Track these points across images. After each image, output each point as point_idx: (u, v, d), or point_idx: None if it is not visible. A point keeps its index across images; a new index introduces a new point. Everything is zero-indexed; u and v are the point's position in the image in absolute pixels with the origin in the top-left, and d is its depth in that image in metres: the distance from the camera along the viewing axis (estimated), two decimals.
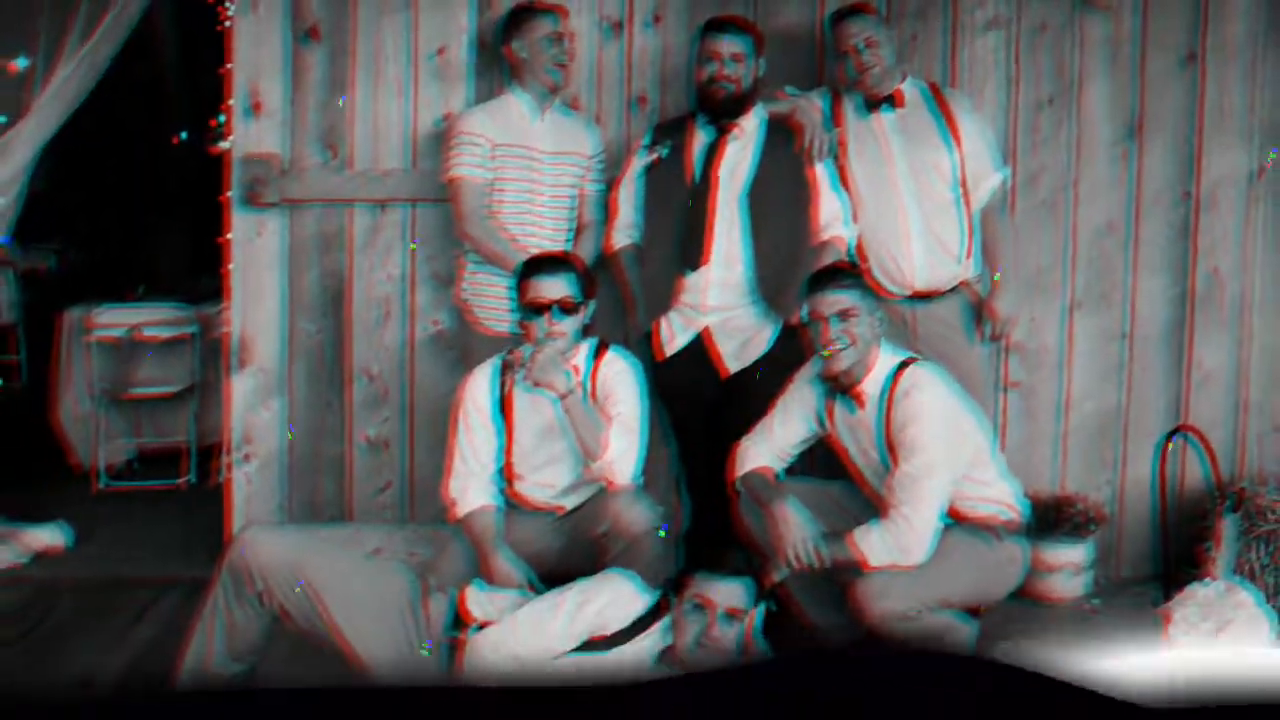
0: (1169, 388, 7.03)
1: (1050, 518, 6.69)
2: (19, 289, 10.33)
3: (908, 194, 6.36)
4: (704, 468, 6.31)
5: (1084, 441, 7.04)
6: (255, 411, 6.88)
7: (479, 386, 5.79)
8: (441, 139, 6.65)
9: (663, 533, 5.53)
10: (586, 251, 6.46)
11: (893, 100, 6.43)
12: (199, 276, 9.92)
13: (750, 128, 6.38)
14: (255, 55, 6.78)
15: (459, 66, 6.83)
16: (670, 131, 6.47)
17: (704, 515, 6.44)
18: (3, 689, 5.29)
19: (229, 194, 6.82)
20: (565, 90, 6.67)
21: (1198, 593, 5.60)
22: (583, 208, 6.61)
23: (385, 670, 4.94)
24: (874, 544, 5.35)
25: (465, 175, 6.36)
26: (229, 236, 6.85)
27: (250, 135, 6.79)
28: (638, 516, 5.46)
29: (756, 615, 4.89)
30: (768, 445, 5.83)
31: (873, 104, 6.43)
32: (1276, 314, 7.03)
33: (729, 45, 6.28)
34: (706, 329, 6.28)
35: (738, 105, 6.33)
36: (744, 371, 6.28)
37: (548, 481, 5.81)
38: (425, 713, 1.96)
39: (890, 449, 5.52)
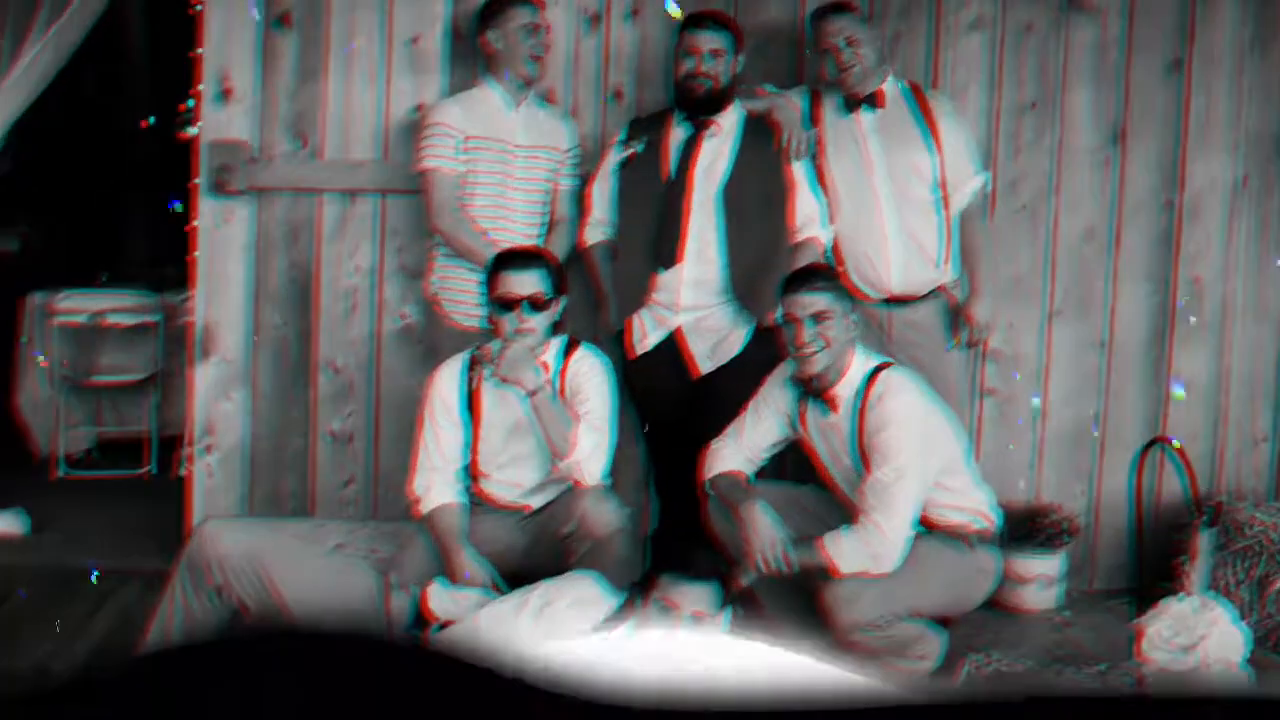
0: (1148, 398, 7.07)
1: (1024, 527, 6.72)
2: None
3: (886, 195, 6.37)
4: (674, 468, 6.33)
5: (1060, 451, 7.08)
6: (218, 402, 6.86)
7: (447, 382, 5.79)
8: (414, 129, 6.64)
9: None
10: (559, 247, 6.45)
11: (874, 100, 6.43)
12: (164, 263, 9.91)
13: (728, 125, 6.39)
14: (226, 40, 6.74)
15: (433, 56, 6.82)
16: (647, 127, 6.48)
17: (672, 516, 6.51)
18: None
19: (196, 180, 6.81)
20: (540, 83, 6.66)
21: (1171, 607, 5.62)
22: (556, 202, 6.60)
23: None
24: (844, 550, 5.36)
25: (437, 167, 6.37)
26: (195, 223, 6.83)
27: (219, 121, 6.77)
28: (605, 516, 5.48)
29: (723, 619, 4.89)
30: (738, 447, 5.83)
31: (853, 103, 6.43)
32: (1258, 325, 7.09)
33: (708, 40, 6.28)
34: (679, 328, 6.30)
35: (716, 102, 6.34)
36: (716, 372, 6.29)
37: (514, 480, 5.82)
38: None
39: (863, 454, 5.54)
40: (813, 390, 5.64)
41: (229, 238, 6.78)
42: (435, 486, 5.71)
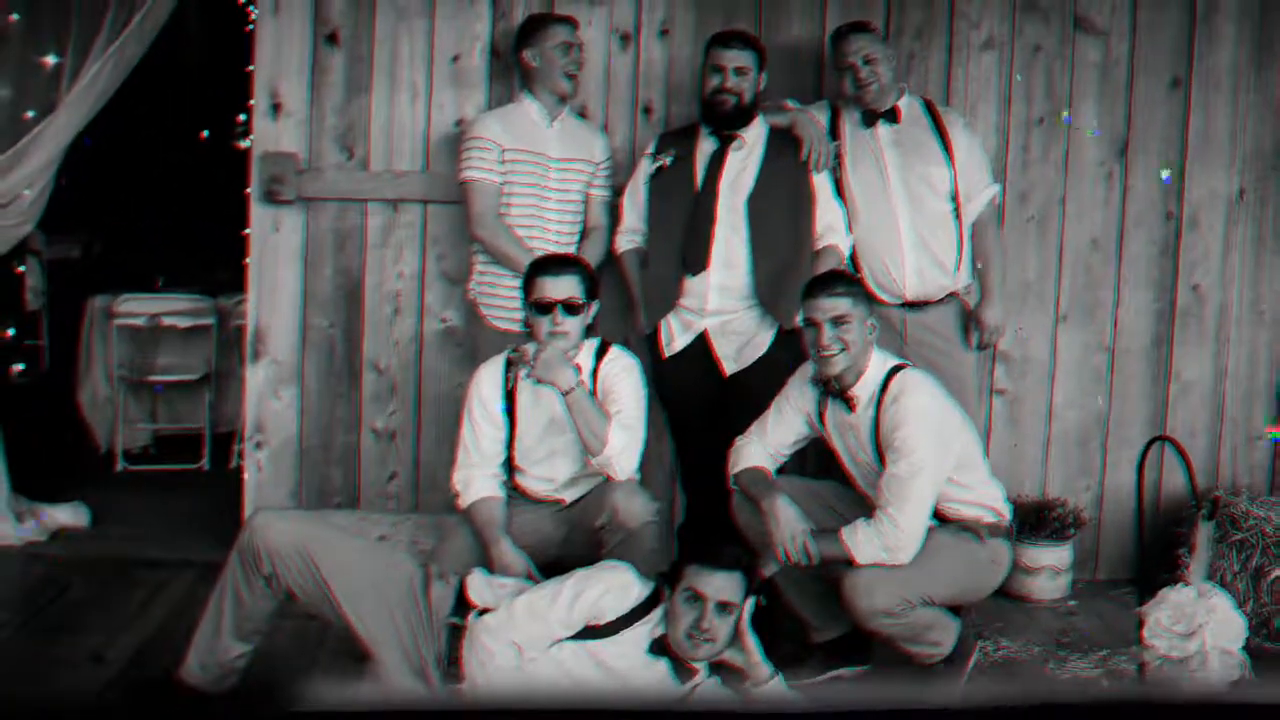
0: (1150, 398, 7.24)
1: (1033, 520, 6.87)
2: (45, 277, 10.46)
3: (902, 206, 6.51)
4: (701, 464, 6.45)
5: (1068, 448, 7.24)
6: (269, 400, 7.02)
7: (487, 381, 5.89)
8: (456, 142, 6.78)
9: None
10: (593, 254, 6.59)
11: (891, 115, 6.57)
12: (218, 269, 10.06)
13: (753, 138, 6.50)
14: (278, 57, 6.93)
15: (474, 73, 6.97)
16: (676, 140, 6.61)
17: (699, 509, 6.60)
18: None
19: (249, 190, 6.96)
20: (576, 98, 6.80)
21: (1172, 596, 5.60)
22: (590, 211, 6.74)
23: (390, 652, 5.08)
24: (863, 541, 5.48)
25: (478, 178, 6.50)
26: (248, 231, 6.99)
27: (271, 134, 6.93)
28: (636, 509, 5.57)
29: (748, 607, 5.01)
30: (762, 444, 5.92)
31: (872, 118, 6.57)
32: (1254, 329, 7.25)
33: (734, 58, 6.39)
34: (706, 331, 6.41)
35: (741, 116, 6.45)
36: (741, 372, 6.41)
37: (550, 474, 5.91)
38: None
39: (880, 450, 5.63)
40: (833, 390, 5.73)
41: (280, 244, 6.96)
42: (476, 480, 5.80)
